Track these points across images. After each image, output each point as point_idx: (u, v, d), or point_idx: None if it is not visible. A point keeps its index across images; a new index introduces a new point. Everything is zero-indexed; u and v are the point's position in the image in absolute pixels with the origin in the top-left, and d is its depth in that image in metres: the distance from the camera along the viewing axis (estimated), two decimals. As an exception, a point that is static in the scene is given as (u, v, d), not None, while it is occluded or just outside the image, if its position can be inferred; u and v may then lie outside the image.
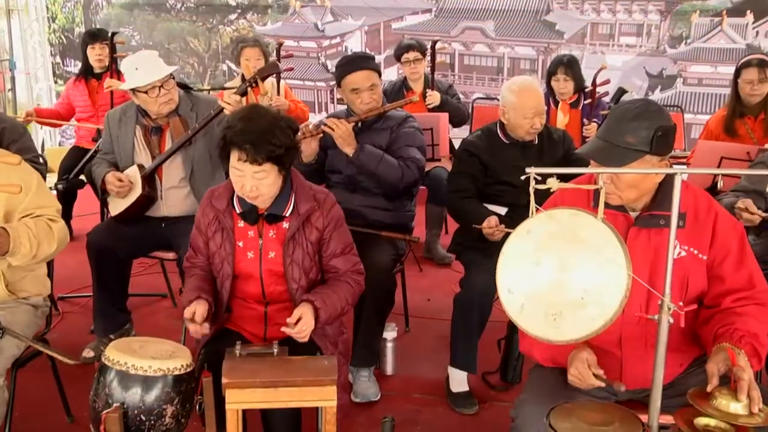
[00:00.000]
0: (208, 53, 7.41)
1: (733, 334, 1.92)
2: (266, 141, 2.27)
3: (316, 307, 2.33)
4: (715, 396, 1.76)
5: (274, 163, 2.32)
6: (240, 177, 2.32)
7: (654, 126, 1.96)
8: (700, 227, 2.07)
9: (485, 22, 6.72)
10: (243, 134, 2.26)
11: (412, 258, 4.43)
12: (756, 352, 1.91)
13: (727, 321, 1.97)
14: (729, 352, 1.82)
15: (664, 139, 1.98)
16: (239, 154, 2.28)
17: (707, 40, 6.35)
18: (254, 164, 2.28)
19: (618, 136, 1.99)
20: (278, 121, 2.35)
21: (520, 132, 3.24)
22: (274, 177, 2.35)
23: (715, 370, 1.82)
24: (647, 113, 2.00)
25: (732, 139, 4.17)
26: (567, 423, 1.81)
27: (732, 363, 1.80)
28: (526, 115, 3.18)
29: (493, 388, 3.30)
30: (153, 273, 4.37)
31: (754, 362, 1.90)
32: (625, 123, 1.99)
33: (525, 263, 1.78)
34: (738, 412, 1.72)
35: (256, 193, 2.34)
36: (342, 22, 7.08)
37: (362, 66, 3.33)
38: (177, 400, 2.15)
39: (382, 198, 3.35)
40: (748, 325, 1.94)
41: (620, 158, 1.97)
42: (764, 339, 1.95)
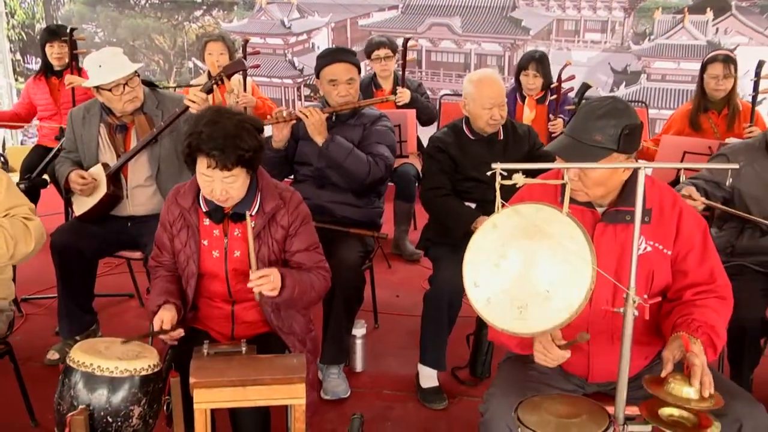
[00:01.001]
0: (173, 50, 7.33)
1: (691, 324, 1.95)
2: (235, 146, 2.24)
3: (282, 272, 2.31)
4: (668, 381, 1.79)
5: (244, 167, 2.30)
6: (209, 182, 2.30)
7: (621, 124, 1.99)
8: (665, 223, 2.10)
9: (452, 18, 6.74)
10: (210, 141, 2.23)
11: (380, 254, 4.43)
12: (712, 342, 1.95)
13: (685, 311, 2.01)
14: (683, 339, 1.86)
15: (630, 138, 2.00)
16: (208, 161, 2.25)
17: (670, 36, 6.44)
18: (224, 170, 2.25)
19: (585, 134, 2.01)
20: (244, 124, 2.32)
21: (480, 123, 3.25)
22: (243, 179, 2.33)
23: (670, 356, 1.86)
24: (615, 111, 2.01)
25: (696, 133, 4.24)
26: (535, 416, 1.83)
27: (686, 349, 1.83)
28: (485, 105, 3.20)
29: (463, 383, 3.32)
30: (119, 273, 4.32)
31: (710, 353, 1.94)
32: (593, 121, 2.01)
33: (491, 257, 1.79)
34: (690, 396, 1.76)
35: (226, 196, 2.32)
36: (308, 18, 7.05)
37: (343, 59, 3.33)
38: (144, 401, 2.13)
39: (350, 194, 3.34)
40: (706, 317, 1.98)
41: (587, 156, 1.99)
42: (721, 331, 1.99)
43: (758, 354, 3.01)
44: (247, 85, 4.83)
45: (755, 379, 2.99)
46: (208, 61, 4.89)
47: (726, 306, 2.08)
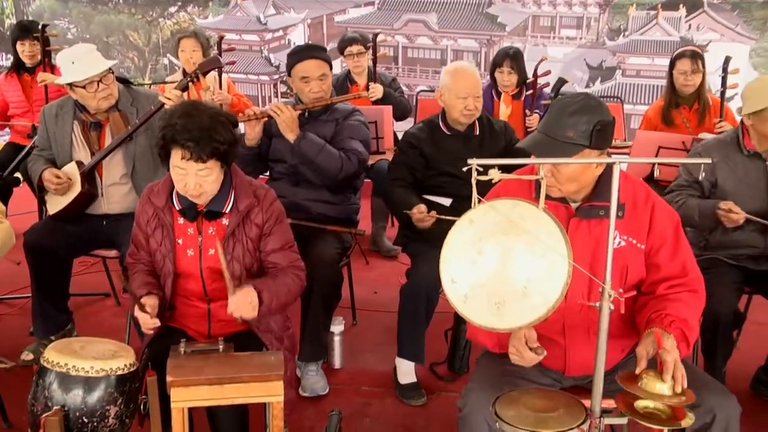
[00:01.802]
0: (148, 47, 7.26)
1: (664, 319, 1.97)
2: (209, 138, 2.23)
3: (258, 289, 2.31)
4: (642, 378, 1.81)
5: (218, 160, 2.29)
6: (183, 176, 2.28)
7: (593, 120, 2.00)
8: (639, 217, 2.12)
9: (428, 14, 6.75)
10: (184, 132, 2.22)
11: (358, 251, 4.43)
12: (685, 337, 1.97)
13: (659, 307, 2.03)
14: (656, 336, 1.88)
15: (602, 134, 2.02)
16: (182, 152, 2.24)
17: (644, 32, 6.50)
18: (198, 162, 2.24)
19: (558, 131, 2.02)
20: (219, 117, 2.32)
21: (455, 113, 3.26)
22: (217, 174, 2.32)
23: (644, 353, 1.88)
24: (587, 107, 2.02)
25: (669, 128, 4.29)
26: (512, 411, 1.84)
27: (658, 346, 1.86)
28: (460, 95, 3.21)
29: (441, 378, 3.33)
30: (95, 272, 4.28)
31: (683, 347, 1.97)
32: (566, 117, 2.02)
33: (468, 253, 1.79)
34: (663, 392, 1.78)
35: (199, 191, 2.30)
36: (284, 15, 7.02)
37: (314, 55, 3.33)
38: (120, 401, 2.11)
39: (326, 191, 3.34)
40: (679, 311, 2.00)
41: (560, 152, 2.00)
42: (693, 324, 2.02)
43: (731, 346, 3.06)
44: (223, 82, 4.79)
45: (728, 370, 3.03)
46: (181, 58, 4.86)
47: (698, 299, 2.11)
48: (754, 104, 2.98)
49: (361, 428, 2.98)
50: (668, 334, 1.93)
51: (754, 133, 3.06)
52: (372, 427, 2.99)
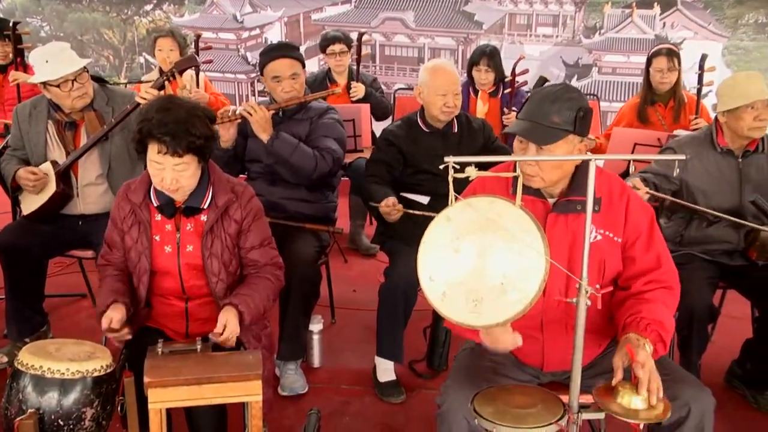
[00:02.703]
0: (123, 45, 7.20)
1: (640, 323, 1.99)
2: (186, 132, 2.22)
3: (240, 311, 2.30)
4: (618, 391, 1.82)
5: (195, 154, 2.28)
6: (159, 170, 2.27)
7: (575, 107, 2.03)
8: (614, 211, 2.14)
9: (405, 12, 6.75)
10: (161, 126, 2.21)
11: (336, 249, 4.42)
12: (661, 338, 1.99)
13: (635, 309, 2.04)
14: (628, 349, 1.88)
15: (585, 120, 2.06)
16: (158, 146, 2.23)
17: (619, 30, 6.55)
18: (175, 156, 2.23)
19: (543, 117, 2.04)
20: (196, 111, 2.31)
21: (434, 110, 3.27)
22: (194, 168, 2.31)
23: (620, 363, 1.88)
24: (568, 95, 2.07)
25: (644, 125, 4.33)
26: (491, 407, 1.85)
27: (631, 359, 1.86)
28: (439, 92, 3.22)
29: (420, 376, 3.33)
30: (71, 272, 4.24)
31: (660, 348, 1.98)
32: (549, 104, 2.05)
33: (445, 251, 1.80)
34: (638, 407, 1.79)
35: (176, 185, 2.29)
36: (261, 13, 7.00)
37: (285, 54, 3.31)
38: (97, 403, 2.09)
39: (303, 190, 3.33)
40: (654, 313, 2.01)
41: (547, 136, 2.02)
42: (669, 324, 2.03)
43: (706, 340, 3.09)
44: (200, 80, 4.76)
45: (703, 364, 3.07)
46: (158, 57, 4.82)
47: (673, 296, 2.13)
48: (728, 102, 3.02)
49: (340, 427, 2.98)
50: (644, 339, 1.94)
51: (727, 130, 3.10)
52: (351, 425, 2.99)
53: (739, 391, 3.23)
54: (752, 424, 3.02)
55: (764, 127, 3.03)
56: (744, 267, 3.11)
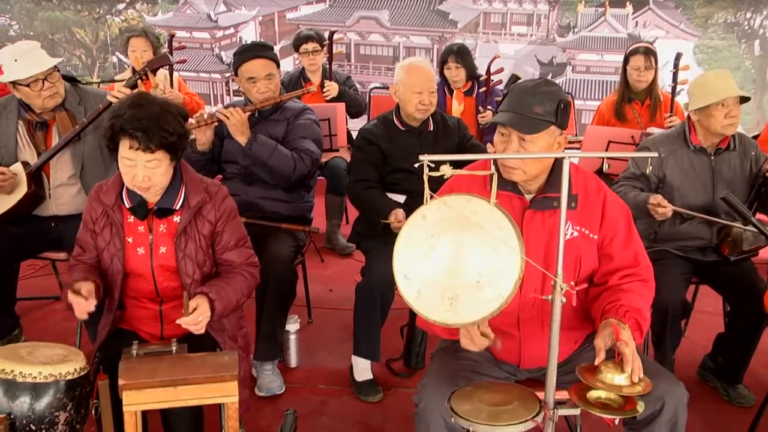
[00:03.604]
0: (96, 44, 7.11)
1: (619, 309, 2.02)
2: (158, 127, 2.21)
3: (211, 299, 2.28)
4: (601, 370, 1.85)
5: (167, 151, 2.26)
6: (131, 167, 2.25)
7: (556, 99, 2.06)
8: (591, 208, 2.16)
9: (380, 11, 6.75)
10: (133, 121, 2.19)
11: (313, 249, 4.42)
12: (639, 326, 2.02)
13: (613, 298, 2.07)
14: (614, 327, 1.92)
15: (565, 112, 2.08)
16: (130, 142, 2.20)
17: (593, 29, 6.61)
18: (147, 152, 2.21)
19: (525, 108, 2.05)
20: (168, 108, 2.29)
21: (409, 108, 3.27)
22: (166, 166, 2.29)
23: (602, 344, 1.91)
24: (548, 87, 2.10)
25: (621, 123, 4.37)
26: (467, 405, 1.85)
27: (616, 338, 1.89)
28: (414, 90, 3.22)
29: (397, 374, 3.34)
30: (44, 275, 4.19)
31: (637, 335, 2.01)
32: (530, 96, 2.06)
33: (421, 249, 1.80)
34: (622, 383, 1.82)
35: (148, 183, 2.27)
36: (235, 12, 6.96)
37: (259, 54, 3.29)
38: (70, 406, 2.07)
39: (279, 189, 3.32)
40: (632, 301, 2.04)
41: (532, 126, 2.04)
42: (646, 313, 2.07)
43: (679, 335, 3.13)
44: (174, 80, 4.73)
45: (676, 358, 3.11)
46: (131, 58, 4.77)
47: (649, 289, 2.16)
48: (700, 101, 3.05)
49: (318, 426, 2.97)
50: (624, 324, 1.97)
51: (700, 128, 3.13)
52: (329, 425, 2.98)
53: (711, 384, 3.27)
54: (724, 417, 3.06)
55: (736, 124, 3.07)
56: (716, 263, 3.15)
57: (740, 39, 6.51)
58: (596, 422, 1.93)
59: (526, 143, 2.06)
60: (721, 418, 3.05)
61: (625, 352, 1.84)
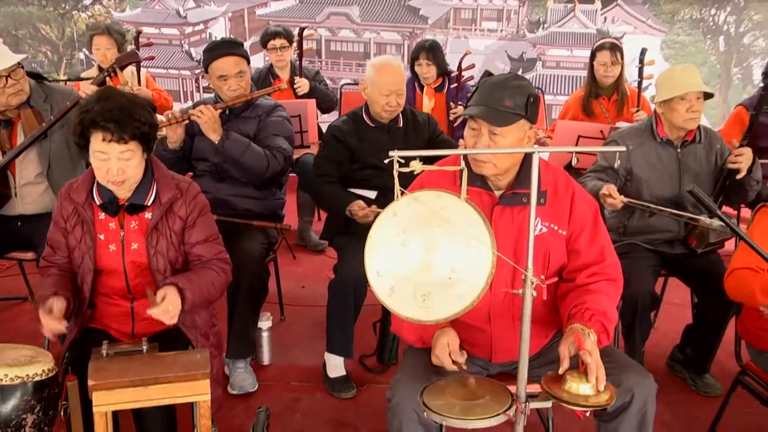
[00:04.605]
0: (62, 41, 7.01)
1: (584, 313, 2.03)
2: (130, 117, 2.20)
3: (180, 287, 2.26)
4: (566, 379, 1.86)
5: (140, 142, 2.25)
6: (104, 161, 2.23)
7: (526, 93, 2.07)
8: (560, 204, 2.18)
9: (350, 7, 6.74)
10: (104, 113, 2.17)
11: (285, 246, 4.40)
12: (605, 328, 2.04)
13: (579, 300, 2.08)
14: (575, 337, 1.93)
15: (535, 106, 2.10)
16: (103, 134, 2.19)
17: (562, 25, 6.66)
18: (120, 143, 2.20)
19: (496, 101, 2.06)
20: (137, 99, 2.29)
21: (376, 108, 3.27)
22: (139, 158, 2.28)
23: (566, 352, 1.92)
24: (518, 82, 2.11)
25: (589, 118, 4.40)
26: (440, 400, 1.86)
27: (579, 347, 1.90)
28: (383, 92, 3.22)
29: (371, 370, 3.34)
30: (11, 275, 4.13)
31: (603, 338, 2.03)
32: (500, 90, 2.08)
33: (392, 246, 1.80)
34: (587, 393, 1.83)
35: (122, 176, 2.25)
36: (204, 8, 6.90)
37: (230, 52, 3.26)
38: (38, 408, 2.04)
39: (250, 187, 3.30)
40: (598, 303, 2.06)
41: (502, 119, 2.05)
42: (612, 315, 2.08)
43: (649, 327, 3.18)
44: (141, 77, 4.68)
45: (646, 350, 3.15)
46: (96, 55, 4.70)
47: (616, 287, 2.18)
48: (664, 93, 3.10)
49: (291, 424, 2.96)
50: (589, 329, 1.98)
51: (665, 121, 3.18)
52: (303, 422, 2.98)
53: (679, 374, 3.32)
54: (692, 406, 3.11)
55: (698, 118, 3.12)
56: (684, 255, 3.20)
57: (705, 35, 6.61)
58: (568, 414, 1.95)
59: (497, 137, 2.07)
60: (689, 408, 3.10)
61: (587, 362, 1.85)
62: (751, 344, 2.60)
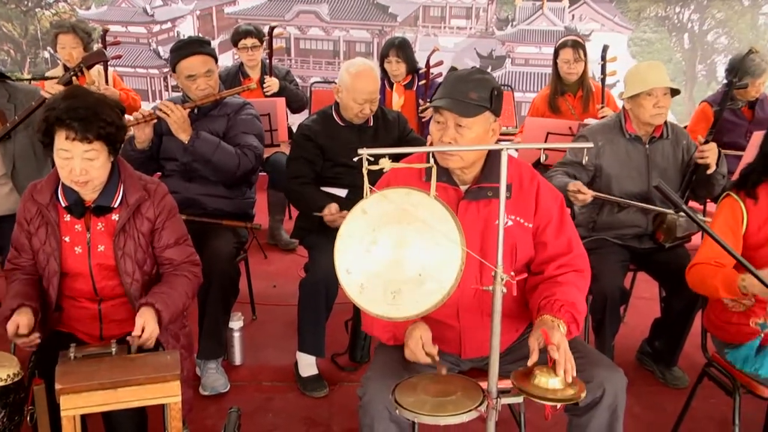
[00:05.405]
0: (25, 39, 6.89)
1: (554, 305, 2.05)
2: (96, 116, 2.16)
3: (157, 310, 2.25)
4: (535, 374, 1.86)
5: (105, 143, 2.21)
6: (67, 160, 2.19)
7: (490, 86, 2.11)
8: (525, 196, 2.19)
9: (319, 5, 6.72)
10: (69, 111, 2.14)
11: (256, 245, 4.38)
12: (574, 319, 2.06)
13: (548, 292, 2.10)
14: (542, 331, 1.93)
15: (498, 100, 2.13)
16: (66, 132, 2.15)
17: (530, 22, 6.71)
18: (84, 142, 2.16)
19: (461, 94, 2.09)
20: (104, 99, 2.26)
21: (349, 114, 3.28)
22: (104, 159, 2.24)
23: (535, 344, 1.93)
24: (481, 75, 2.15)
25: (555, 115, 4.45)
26: (411, 397, 1.86)
27: (546, 342, 1.91)
28: (357, 100, 3.21)
29: (343, 369, 3.33)
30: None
31: (573, 328, 2.05)
32: (464, 83, 2.11)
33: (362, 243, 1.79)
34: (556, 387, 1.84)
35: (86, 177, 2.21)
36: (172, 6, 6.84)
37: (198, 51, 3.23)
38: (3, 414, 2.01)
39: (220, 186, 3.28)
40: (567, 295, 2.08)
41: (468, 110, 2.08)
42: (581, 306, 2.10)
43: (618, 322, 3.21)
44: (108, 76, 4.61)
45: (616, 344, 3.18)
46: (61, 54, 4.62)
47: (584, 278, 2.20)
48: (631, 89, 3.14)
49: (264, 423, 2.95)
50: (558, 320, 2.00)
51: (633, 117, 3.21)
52: (275, 421, 2.97)
53: (648, 367, 3.36)
54: (660, 398, 3.15)
55: (664, 114, 3.16)
56: (652, 250, 3.24)
57: (671, 32, 6.70)
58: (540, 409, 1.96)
59: (463, 128, 2.10)
60: (658, 400, 3.14)
61: (555, 357, 1.86)
62: (717, 336, 2.64)
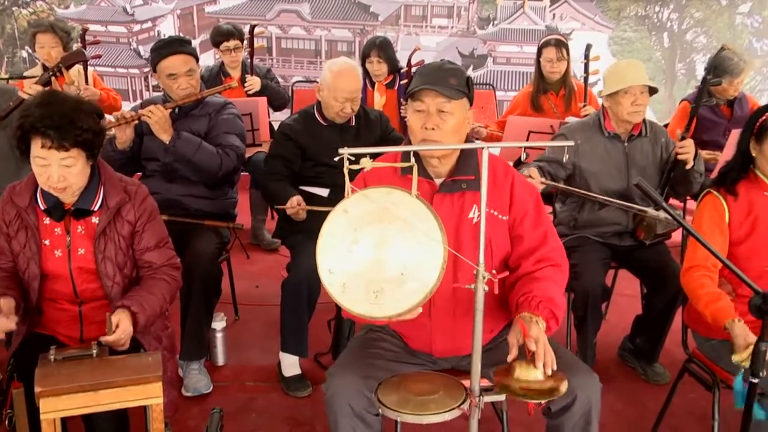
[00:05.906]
0: (2, 38, 6.82)
1: (532, 301, 2.04)
2: (71, 124, 2.13)
3: (133, 312, 2.23)
4: (515, 368, 1.87)
5: (82, 149, 2.18)
6: (45, 167, 2.16)
7: (464, 75, 2.17)
8: (499, 190, 2.19)
9: (300, 4, 6.70)
10: (44, 119, 2.10)
11: (238, 245, 4.35)
12: (553, 314, 2.05)
13: (526, 289, 2.10)
14: (520, 325, 1.94)
15: (472, 88, 2.19)
16: (42, 140, 2.12)
17: (512, 21, 6.73)
18: (60, 150, 2.13)
19: (442, 80, 2.11)
20: (81, 105, 2.22)
21: (330, 112, 3.28)
22: (82, 165, 2.21)
23: (515, 340, 1.93)
24: (452, 65, 2.21)
25: (538, 114, 4.46)
26: (394, 396, 1.87)
27: (524, 335, 1.91)
28: (338, 98, 3.21)
29: (326, 368, 3.29)
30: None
31: (552, 324, 2.05)
32: (442, 72, 2.15)
33: (344, 243, 1.79)
34: (536, 378, 1.85)
35: (63, 183, 2.18)
36: (152, 5, 6.79)
37: (179, 50, 3.21)
38: (-19, 417, 1.99)
39: (201, 186, 3.26)
40: (545, 290, 2.07)
41: (452, 93, 2.11)
42: (560, 301, 2.10)
43: (600, 319, 3.23)
44: (88, 75, 4.57)
45: (598, 341, 3.20)
46: (39, 54, 4.57)
47: (562, 272, 2.20)
48: (609, 87, 3.16)
49: (247, 424, 2.94)
50: (537, 317, 1.99)
51: (612, 115, 3.24)
52: (258, 422, 2.96)
53: (630, 364, 3.39)
54: (642, 394, 3.18)
55: (642, 112, 3.18)
56: (633, 247, 3.26)
57: (651, 31, 6.75)
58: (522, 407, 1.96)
59: (445, 114, 2.11)
60: (640, 396, 3.16)
61: (532, 349, 1.87)
62: (697, 332, 2.66)
